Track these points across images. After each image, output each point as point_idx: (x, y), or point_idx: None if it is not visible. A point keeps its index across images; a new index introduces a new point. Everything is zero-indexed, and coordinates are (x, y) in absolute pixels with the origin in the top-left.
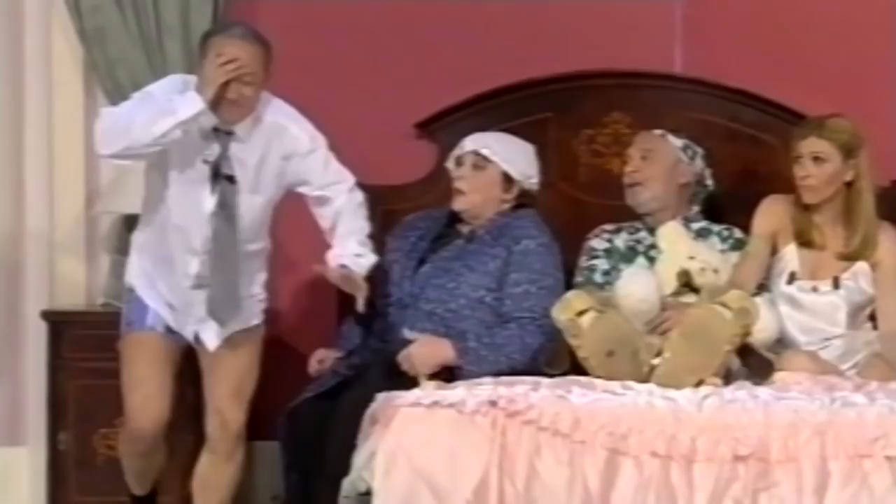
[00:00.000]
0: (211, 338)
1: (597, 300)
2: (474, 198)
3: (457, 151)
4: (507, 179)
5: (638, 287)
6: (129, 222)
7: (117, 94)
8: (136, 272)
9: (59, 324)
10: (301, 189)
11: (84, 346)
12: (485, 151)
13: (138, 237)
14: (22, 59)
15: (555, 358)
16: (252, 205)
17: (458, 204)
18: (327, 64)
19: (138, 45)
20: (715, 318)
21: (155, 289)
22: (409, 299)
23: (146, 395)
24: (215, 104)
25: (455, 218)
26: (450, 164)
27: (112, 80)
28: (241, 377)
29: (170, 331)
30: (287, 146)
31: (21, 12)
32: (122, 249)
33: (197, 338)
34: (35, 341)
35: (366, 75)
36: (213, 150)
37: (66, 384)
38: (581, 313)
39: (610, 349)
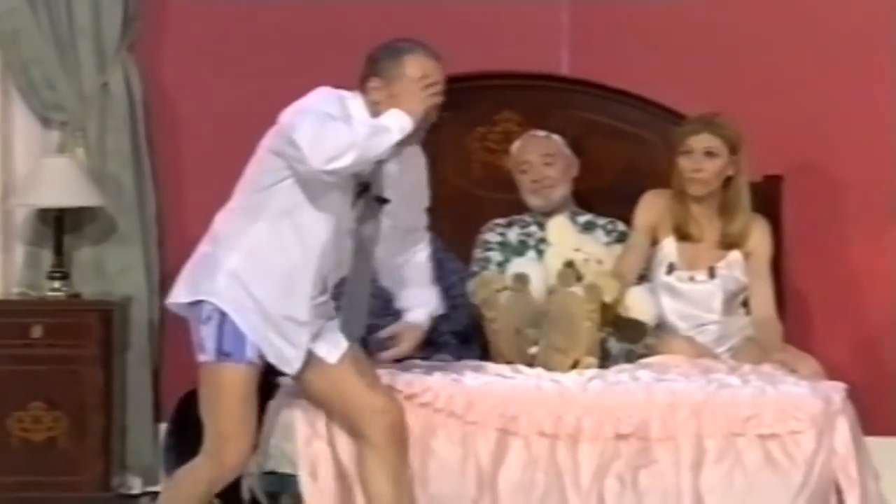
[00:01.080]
0: (331, 351)
1: (513, 279)
2: None
3: None
4: None
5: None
6: (44, 215)
7: (31, 93)
8: (232, 294)
9: None
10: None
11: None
12: None
13: (234, 256)
14: None
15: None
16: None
17: None
18: (227, 61)
19: (51, 46)
20: (570, 299)
21: (256, 311)
22: None
23: (247, 436)
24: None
25: None
26: None
27: (26, 79)
28: (369, 367)
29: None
30: (421, 169)
31: None
32: (36, 241)
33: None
34: None
35: (257, 71)
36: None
37: None
38: (499, 290)
39: (519, 327)
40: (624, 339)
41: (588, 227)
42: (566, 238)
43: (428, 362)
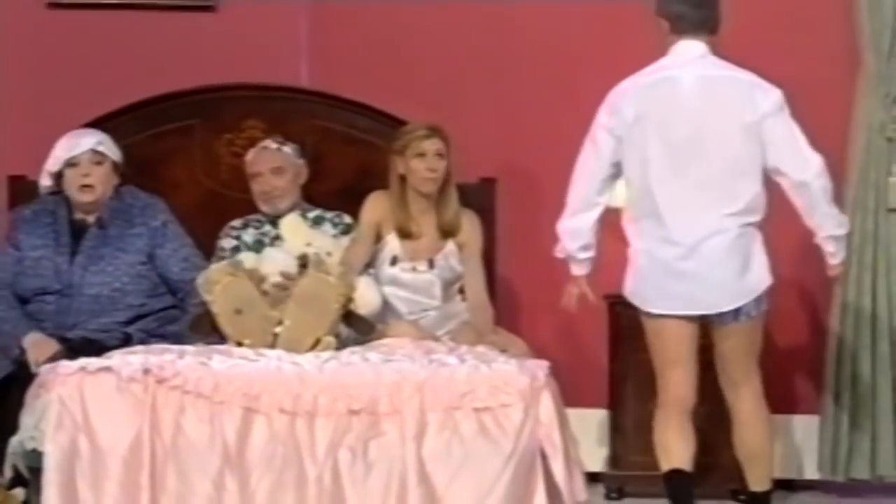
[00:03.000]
0: None
1: (231, 268)
2: (99, 189)
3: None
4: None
5: (276, 254)
6: None
7: None
8: None
9: None
10: None
11: None
12: (101, 148)
13: None
14: None
15: (198, 323)
16: None
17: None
18: (12, 70)
19: None
20: (322, 284)
21: None
22: (69, 290)
23: None
24: None
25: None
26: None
27: None
28: None
29: None
30: None
31: None
32: None
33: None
34: None
35: (37, 84)
36: None
37: None
38: (216, 281)
39: (238, 307)
40: (356, 332)
41: (317, 222)
42: (298, 234)
43: (178, 347)
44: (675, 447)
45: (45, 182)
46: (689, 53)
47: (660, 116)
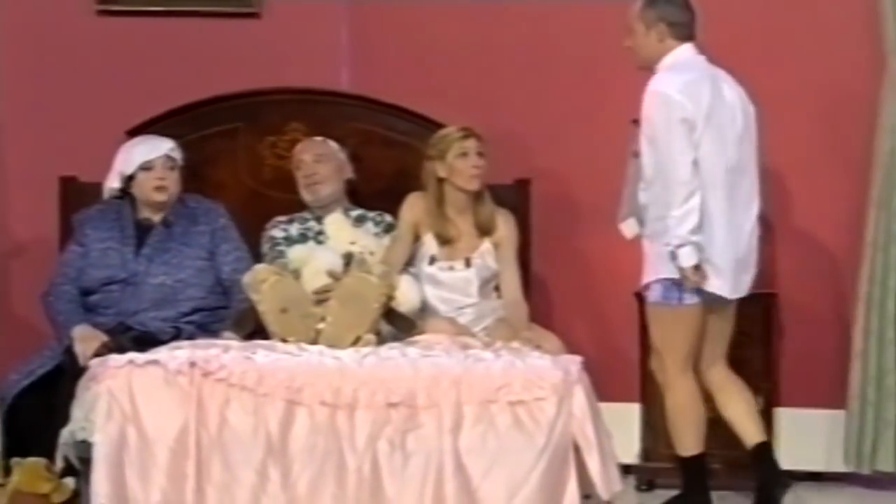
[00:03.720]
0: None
1: (278, 268)
2: (171, 190)
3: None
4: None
5: (327, 255)
6: None
7: None
8: None
9: None
10: None
11: None
12: (174, 154)
13: None
14: None
15: (242, 319)
16: None
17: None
18: (63, 74)
19: None
20: (364, 284)
21: None
22: (133, 278)
23: None
24: None
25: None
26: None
27: None
28: None
29: None
30: None
31: None
32: None
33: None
34: None
35: (87, 88)
36: None
37: None
38: (264, 280)
39: (283, 307)
40: (396, 328)
41: (360, 220)
42: (343, 232)
43: (223, 341)
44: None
45: (114, 184)
46: (695, 56)
47: (718, 111)
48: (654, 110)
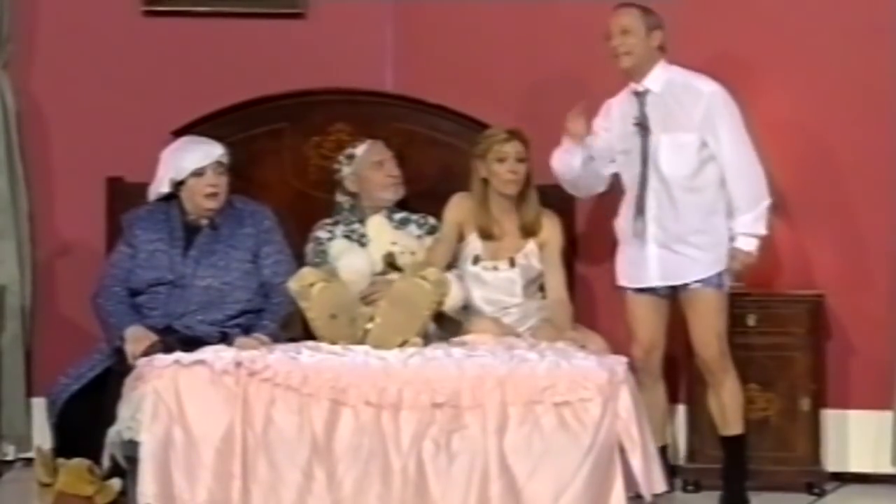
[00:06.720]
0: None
1: (325, 273)
2: (222, 196)
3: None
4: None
5: (355, 261)
6: None
7: None
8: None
9: None
10: None
11: None
12: (225, 159)
13: None
14: None
15: (289, 323)
16: None
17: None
18: (92, 75)
19: None
20: (416, 289)
21: None
22: (181, 280)
23: None
24: None
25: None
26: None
27: None
28: None
29: None
30: None
31: None
32: None
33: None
34: None
35: (133, 88)
36: None
37: None
38: (312, 284)
39: (333, 313)
40: (444, 333)
41: (403, 223)
42: (384, 234)
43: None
44: None
45: (164, 189)
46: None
47: None
48: (732, 106)
